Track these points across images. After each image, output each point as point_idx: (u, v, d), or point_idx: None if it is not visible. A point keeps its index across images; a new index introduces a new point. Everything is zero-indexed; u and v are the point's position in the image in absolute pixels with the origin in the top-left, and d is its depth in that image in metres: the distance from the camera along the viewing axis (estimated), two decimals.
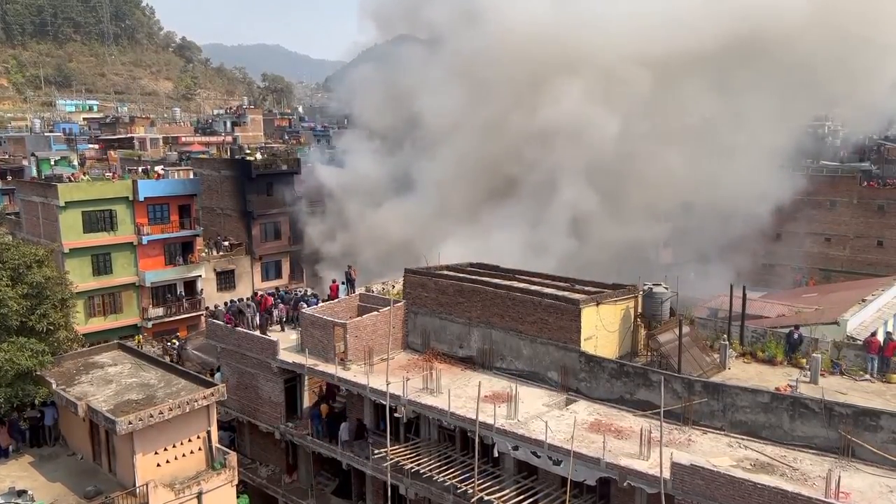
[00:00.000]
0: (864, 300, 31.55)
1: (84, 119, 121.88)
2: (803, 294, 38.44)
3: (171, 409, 20.61)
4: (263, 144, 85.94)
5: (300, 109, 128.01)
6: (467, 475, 21.34)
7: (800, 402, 18.82)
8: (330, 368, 25.75)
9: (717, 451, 18.71)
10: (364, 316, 27.33)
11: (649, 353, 23.93)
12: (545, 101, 42.35)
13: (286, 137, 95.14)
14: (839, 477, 15.86)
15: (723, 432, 19.71)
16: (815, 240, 52.67)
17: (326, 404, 28.21)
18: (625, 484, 18.26)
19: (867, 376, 22.22)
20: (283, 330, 30.32)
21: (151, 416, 20.14)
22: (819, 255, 52.09)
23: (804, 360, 23.12)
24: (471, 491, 20.73)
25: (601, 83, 41.97)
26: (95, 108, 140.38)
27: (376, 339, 26.53)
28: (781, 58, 41.84)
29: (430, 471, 22.08)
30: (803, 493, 15.42)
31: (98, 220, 42.46)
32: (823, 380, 21.80)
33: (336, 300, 30.82)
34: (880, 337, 25.21)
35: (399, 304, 27.47)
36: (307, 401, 29.23)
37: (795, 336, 23.87)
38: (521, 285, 25.42)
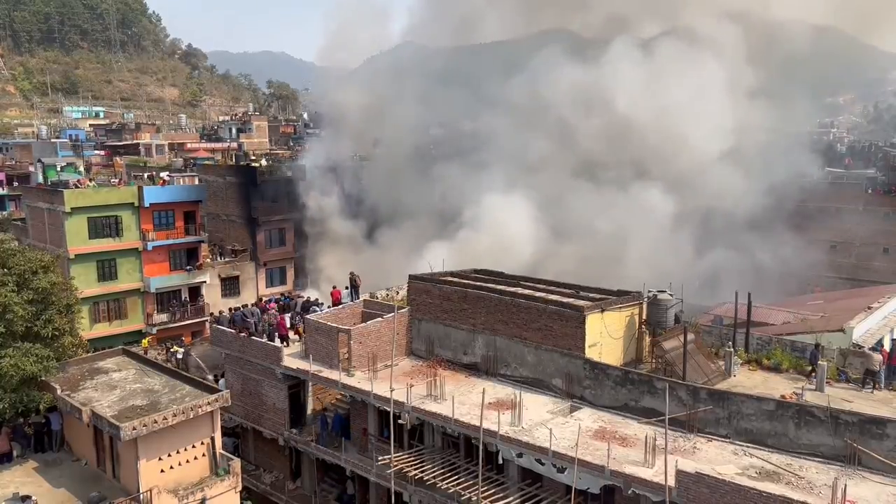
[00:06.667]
0: (869, 308, 31.36)
1: (90, 126, 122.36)
2: (808, 301, 38.26)
3: (176, 416, 20.60)
4: (269, 151, 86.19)
5: (305, 116, 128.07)
6: (471, 482, 21.29)
7: (805, 410, 18.74)
8: (334, 375, 25.74)
9: (722, 459, 18.63)
10: (368, 322, 27.32)
11: (654, 361, 23.86)
12: None
13: (291, 144, 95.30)
14: (845, 485, 15.77)
15: (728, 440, 19.63)
16: (821, 247, 52.45)
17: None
18: (629, 492, 18.20)
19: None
20: (286, 345, 29.46)
21: (156, 422, 20.13)
22: (824, 262, 51.88)
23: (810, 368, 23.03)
24: (475, 498, 20.68)
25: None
26: (102, 115, 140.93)
27: (380, 345, 26.53)
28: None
29: (434, 478, 22.03)
30: (809, 502, 15.36)
31: (103, 226, 42.58)
32: (829, 388, 21.71)
33: (341, 306, 30.82)
34: (886, 345, 25.09)
35: (403, 311, 27.47)
36: (311, 407, 29.24)
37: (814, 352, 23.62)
38: (526, 292, 25.39)
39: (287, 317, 30.92)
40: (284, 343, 28.98)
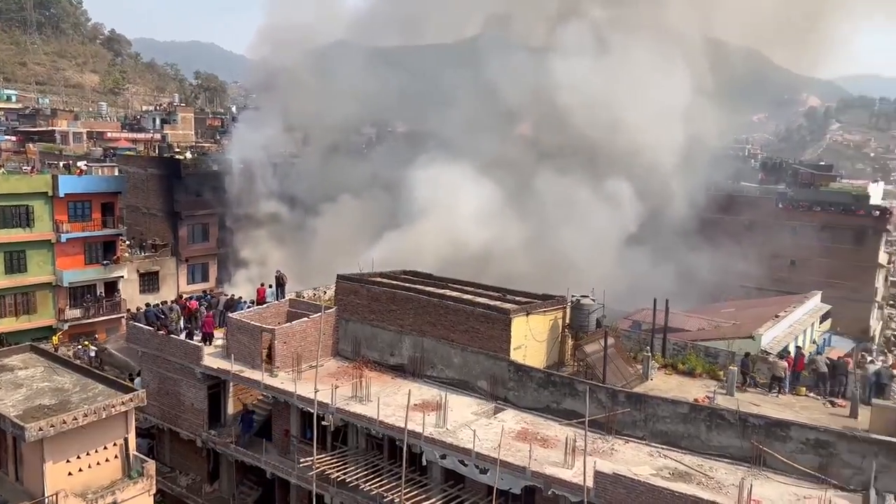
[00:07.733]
0: (777, 316, 33.07)
1: (1, 109, 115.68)
2: (722, 309, 39.95)
3: (86, 416, 19.76)
4: (194, 143, 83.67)
5: (234, 109, 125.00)
6: (394, 484, 21.25)
7: (716, 414, 19.58)
8: (256, 375, 25.22)
9: (638, 461, 19.24)
10: (293, 322, 26.90)
11: (576, 364, 24.43)
12: None
13: (218, 137, 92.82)
14: (751, 485, 16.56)
15: (644, 442, 20.29)
16: (734, 257, 54.85)
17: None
18: (549, 493, 18.57)
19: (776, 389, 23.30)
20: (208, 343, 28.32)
21: (64, 423, 19.25)
22: (737, 272, 54.26)
23: (721, 373, 24.07)
24: (397, 500, 20.64)
25: None
26: (14, 99, 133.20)
27: (306, 345, 26.15)
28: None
29: (357, 480, 21.89)
30: (718, 501, 16.06)
31: (13, 215, 40.50)
32: (738, 392, 22.74)
33: (265, 305, 30.23)
34: (792, 351, 26.45)
35: (330, 311, 27.17)
36: (231, 408, 28.54)
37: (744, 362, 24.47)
38: (454, 294, 25.57)
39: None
40: (207, 342, 28.16)
